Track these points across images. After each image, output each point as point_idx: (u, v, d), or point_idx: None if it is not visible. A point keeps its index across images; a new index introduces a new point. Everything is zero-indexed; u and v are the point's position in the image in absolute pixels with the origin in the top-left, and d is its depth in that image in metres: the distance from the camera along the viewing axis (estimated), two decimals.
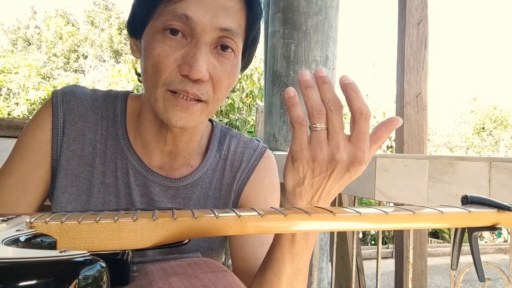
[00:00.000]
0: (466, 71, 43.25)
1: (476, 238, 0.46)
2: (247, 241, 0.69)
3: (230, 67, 0.60)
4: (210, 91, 0.59)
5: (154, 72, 0.57)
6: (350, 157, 0.47)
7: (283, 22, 1.64)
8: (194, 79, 0.56)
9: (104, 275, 0.25)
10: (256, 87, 6.99)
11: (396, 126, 0.49)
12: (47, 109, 0.67)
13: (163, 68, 0.56)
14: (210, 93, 0.59)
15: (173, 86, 0.57)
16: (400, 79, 2.89)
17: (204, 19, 0.56)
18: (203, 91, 0.58)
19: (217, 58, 0.59)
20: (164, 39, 0.57)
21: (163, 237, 0.37)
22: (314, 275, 1.49)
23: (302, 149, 0.47)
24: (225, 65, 0.59)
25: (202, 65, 0.55)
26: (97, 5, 20.49)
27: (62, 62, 17.38)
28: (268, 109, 1.73)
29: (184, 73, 0.56)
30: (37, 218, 0.36)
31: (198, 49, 0.56)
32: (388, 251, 5.03)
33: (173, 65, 0.56)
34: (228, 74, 0.60)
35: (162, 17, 0.57)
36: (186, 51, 0.56)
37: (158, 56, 0.56)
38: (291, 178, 0.51)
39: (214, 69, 0.58)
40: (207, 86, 0.58)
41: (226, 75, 0.60)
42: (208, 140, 0.74)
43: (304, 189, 0.50)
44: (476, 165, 0.96)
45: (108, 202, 0.67)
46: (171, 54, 0.56)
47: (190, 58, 0.56)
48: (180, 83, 0.56)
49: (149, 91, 0.60)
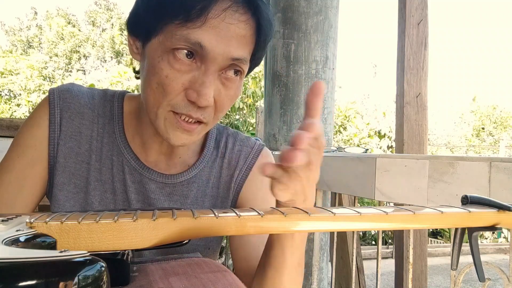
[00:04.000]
0: (466, 71, 43.25)
1: (476, 238, 0.46)
2: (248, 241, 0.69)
3: (234, 91, 0.60)
4: (212, 114, 0.60)
5: (159, 91, 0.57)
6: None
7: (283, 22, 1.64)
8: (201, 106, 0.56)
9: (104, 275, 0.25)
10: (257, 87, 6.99)
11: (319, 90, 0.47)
12: (44, 107, 0.67)
13: (169, 91, 0.56)
14: (211, 115, 0.60)
15: (178, 109, 0.57)
16: (400, 79, 2.89)
17: (217, 49, 0.54)
18: (206, 115, 0.58)
19: (223, 83, 0.58)
20: (174, 62, 0.55)
21: (163, 237, 0.37)
22: (314, 275, 1.49)
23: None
24: (229, 89, 0.59)
25: (211, 93, 0.55)
26: (99, 6, 20.50)
27: (64, 63, 17.39)
28: (268, 109, 1.73)
29: (191, 99, 0.56)
30: (37, 218, 0.36)
31: (207, 77, 0.55)
32: (388, 251, 5.03)
33: (180, 89, 0.56)
34: (231, 97, 0.60)
35: (173, 39, 0.54)
36: (195, 76, 0.56)
37: (166, 78, 0.55)
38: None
39: (219, 94, 0.58)
40: (210, 110, 0.59)
41: (229, 99, 0.60)
42: (205, 138, 0.75)
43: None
44: (476, 165, 0.96)
45: (105, 199, 0.68)
46: (179, 77, 0.55)
47: (198, 85, 0.55)
48: (185, 107, 0.57)
49: (150, 107, 0.59)
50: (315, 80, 1.61)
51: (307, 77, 1.62)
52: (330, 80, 1.65)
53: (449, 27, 56.63)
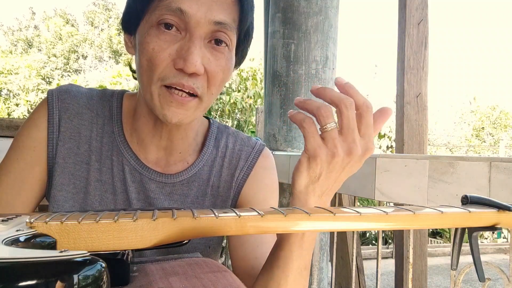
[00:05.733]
0: (466, 71, 43.24)
1: (476, 238, 0.46)
2: (247, 240, 0.69)
3: (224, 62, 0.60)
4: (204, 86, 0.59)
5: (149, 67, 0.58)
6: (363, 149, 0.50)
7: (283, 22, 1.64)
8: (189, 73, 0.56)
9: (104, 275, 0.25)
10: (258, 88, 7.00)
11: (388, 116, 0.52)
12: (42, 108, 0.67)
13: (157, 63, 0.57)
14: (204, 87, 0.59)
15: (168, 80, 0.57)
16: (400, 79, 2.89)
17: (198, 13, 0.56)
18: (198, 84, 0.58)
19: (212, 53, 0.59)
20: (158, 34, 0.57)
21: (163, 237, 0.37)
22: (314, 275, 1.49)
23: (318, 147, 0.49)
24: (219, 59, 0.60)
25: (196, 58, 0.56)
26: (97, 6, 20.49)
27: (62, 63, 17.38)
28: (268, 109, 1.73)
29: (179, 67, 0.56)
30: (37, 218, 0.36)
31: (192, 42, 0.56)
32: (388, 251, 5.03)
33: (167, 60, 0.57)
34: (223, 68, 0.60)
35: (156, 11, 0.57)
36: (181, 45, 0.57)
37: (153, 51, 0.57)
38: (305, 177, 0.52)
39: (209, 63, 0.58)
40: (202, 80, 0.59)
41: (221, 70, 0.60)
42: (204, 137, 0.75)
43: (317, 185, 0.52)
44: (476, 165, 0.96)
45: (105, 199, 0.67)
46: (165, 48, 0.57)
47: (184, 52, 0.56)
48: (175, 77, 0.57)
49: (144, 87, 0.60)
50: (315, 80, 1.61)
51: (307, 77, 1.61)
52: (330, 80, 1.65)
53: (449, 27, 56.66)
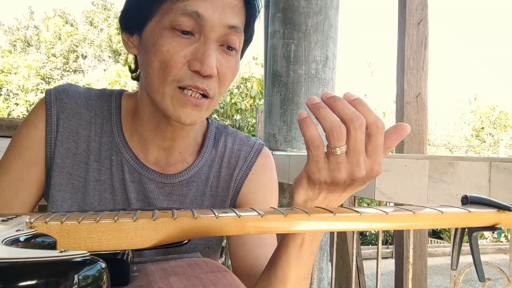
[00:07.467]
0: (466, 71, 43.26)
1: (476, 238, 0.46)
2: (247, 240, 0.69)
3: (233, 63, 0.62)
4: (216, 87, 0.61)
5: (162, 69, 0.58)
6: (368, 171, 0.46)
7: (283, 22, 1.64)
8: (205, 75, 0.57)
9: (104, 275, 0.25)
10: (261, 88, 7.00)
11: (405, 134, 0.48)
12: (40, 108, 0.67)
13: (172, 65, 0.57)
14: (216, 89, 0.61)
15: (184, 82, 0.58)
16: (400, 79, 2.89)
17: (214, 17, 0.57)
18: (211, 86, 0.59)
19: (223, 55, 0.60)
20: (173, 36, 0.57)
21: (163, 237, 0.37)
22: (314, 275, 1.49)
23: (319, 170, 0.47)
24: (230, 61, 0.61)
25: (213, 61, 0.57)
26: (96, 5, 20.47)
27: (62, 62, 17.37)
28: (268, 109, 1.73)
29: (195, 69, 0.57)
30: (37, 218, 0.36)
31: (208, 45, 0.57)
32: (388, 251, 5.03)
33: (182, 61, 0.57)
34: (232, 70, 0.62)
35: (170, 13, 0.57)
36: (196, 47, 0.58)
37: (167, 53, 0.57)
38: (304, 194, 0.50)
39: (221, 66, 0.60)
40: (214, 82, 0.60)
41: (231, 71, 0.62)
42: (203, 136, 0.75)
43: (317, 202, 0.51)
44: (476, 165, 0.95)
45: (104, 199, 0.67)
46: (180, 50, 0.57)
47: (201, 54, 0.57)
48: (191, 79, 0.58)
49: (155, 88, 0.60)
50: (315, 80, 1.61)
51: (307, 77, 1.61)
52: (330, 80, 1.65)
53: (449, 27, 56.67)
